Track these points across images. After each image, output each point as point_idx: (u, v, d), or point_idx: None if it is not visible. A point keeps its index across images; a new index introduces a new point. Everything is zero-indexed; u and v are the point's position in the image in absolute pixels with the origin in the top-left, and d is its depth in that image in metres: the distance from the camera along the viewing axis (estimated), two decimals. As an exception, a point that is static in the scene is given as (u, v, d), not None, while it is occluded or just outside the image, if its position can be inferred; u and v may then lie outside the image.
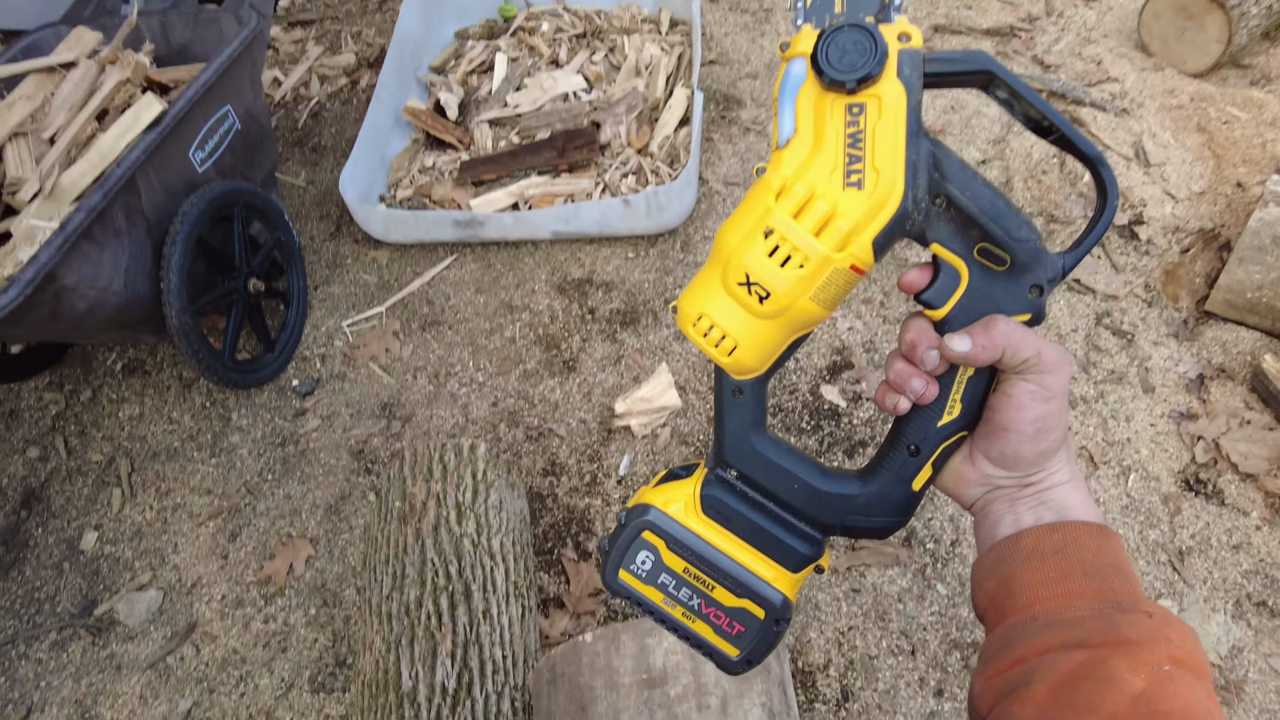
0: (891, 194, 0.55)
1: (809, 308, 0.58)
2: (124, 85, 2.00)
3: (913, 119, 0.54)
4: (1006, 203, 0.56)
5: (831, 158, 0.56)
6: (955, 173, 0.56)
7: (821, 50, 0.54)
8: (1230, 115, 2.47)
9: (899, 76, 0.54)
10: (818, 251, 0.55)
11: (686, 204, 2.46)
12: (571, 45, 3.10)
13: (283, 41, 3.50)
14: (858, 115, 0.55)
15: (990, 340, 0.55)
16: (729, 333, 0.59)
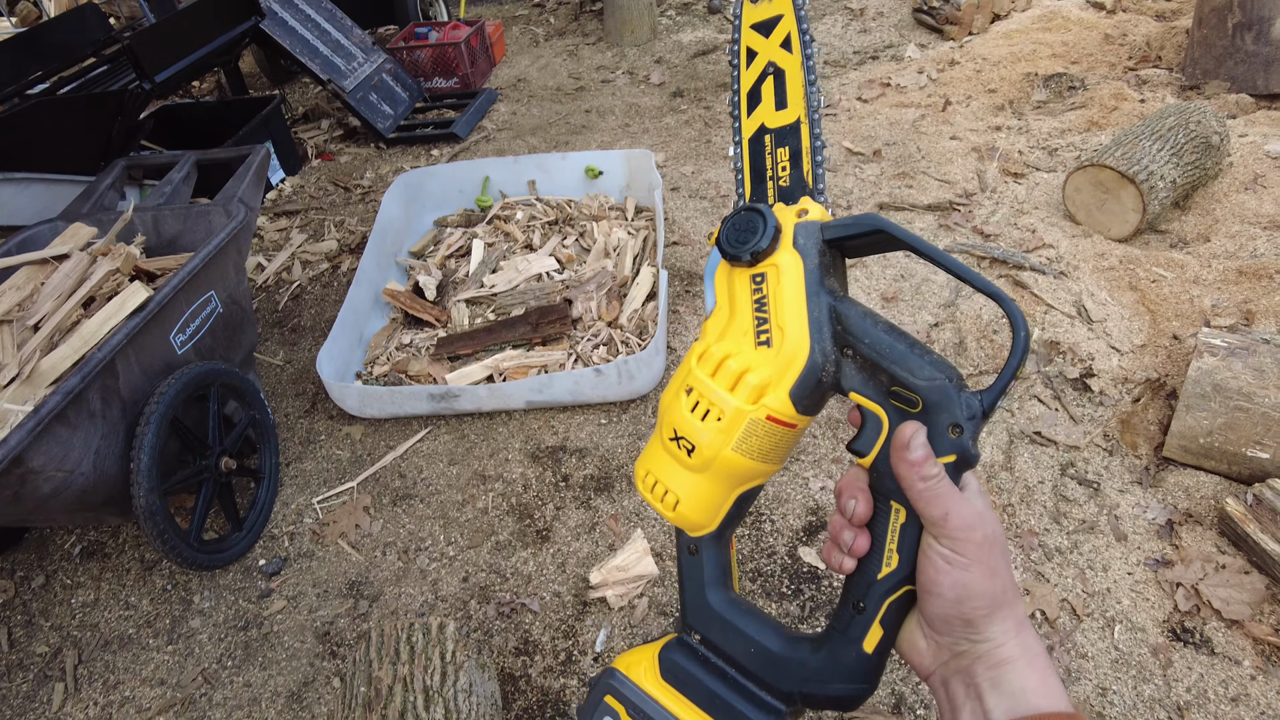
0: (799, 349, 0.59)
1: (736, 459, 0.60)
2: (113, 274, 2.09)
3: (811, 280, 0.59)
4: (910, 345, 0.57)
5: (744, 322, 0.61)
6: (855, 323, 0.59)
7: (723, 233, 0.61)
8: (1157, 275, 2.66)
9: (794, 246, 0.60)
10: (730, 404, 0.59)
11: (656, 371, 2.54)
12: (544, 231, 3.30)
13: (268, 230, 3.68)
14: (760, 283, 0.61)
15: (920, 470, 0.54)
16: (670, 488, 0.63)
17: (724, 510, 0.64)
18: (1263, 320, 2.41)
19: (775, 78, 0.68)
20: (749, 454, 0.60)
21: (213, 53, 3.70)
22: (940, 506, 0.53)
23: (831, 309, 0.59)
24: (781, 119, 0.67)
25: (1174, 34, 4.06)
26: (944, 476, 0.54)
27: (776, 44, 0.69)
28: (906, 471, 0.55)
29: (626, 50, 5.10)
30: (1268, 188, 2.97)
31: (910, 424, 0.56)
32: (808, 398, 0.59)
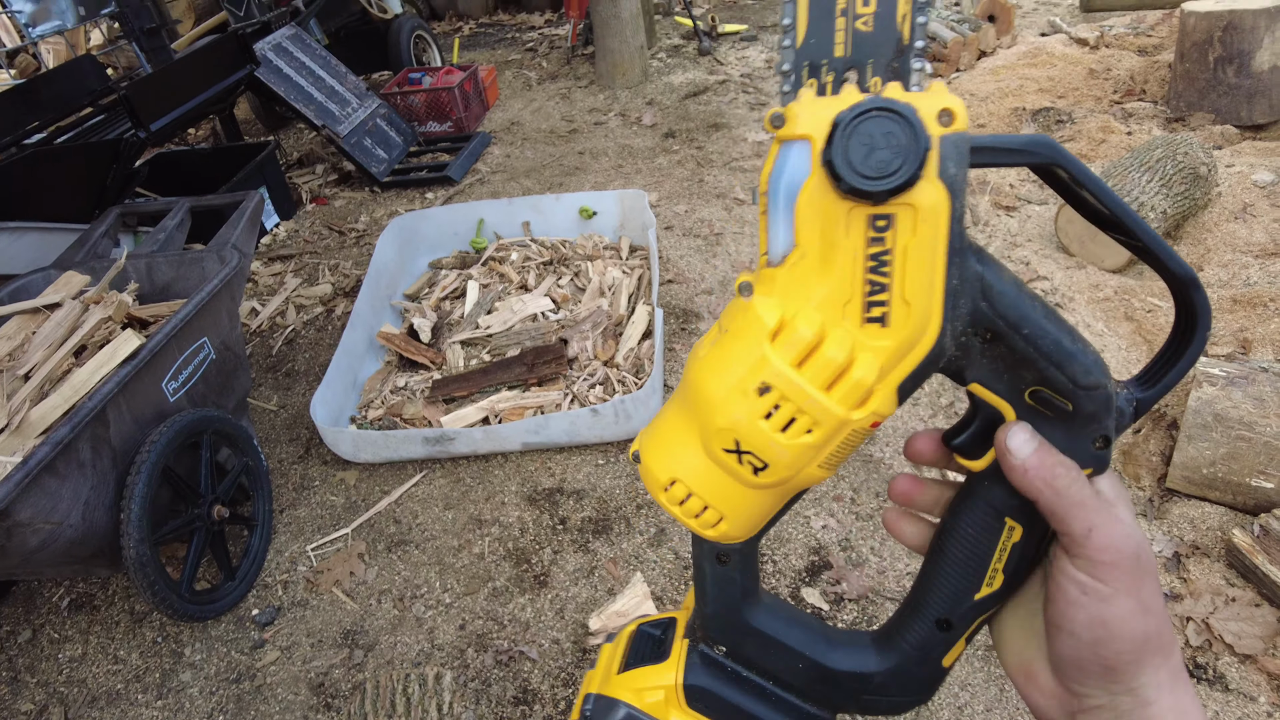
0: (925, 332, 0.42)
1: (815, 475, 0.46)
2: (105, 323, 2.08)
3: (956, 233, 0.41)
4: (1073, 338, 0.43)
5: (846, 285, 0.42)
6: (1009, 304, 0.42)
7: (839, 144, 0.39)
8: (1152, 305, 2.66)
9: (941, 176, 0.39)
10: (832, 414, 0.42)
11: (653, 410, 2.52)
12: (539, 272, 3.31)
13: (262, 275, 3.69)
14: (884, 230, 0.41)
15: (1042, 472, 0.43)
16: (713, 504, 0.47)
17: (769, 518, 0.50)
18: (1259, 348, 2.41)
19: None
20: (829, 465, 0.46)
21: (208, 101, 3.74)
22: (1083, 520, 0.42)
23: (979, 278, 0.42)
24: None
25: (1156, 68, 4.12)
26: (1084, 480, 0.43)
27: None
28: (1021, 480, 0.44)
29: (618, 93, 5.17)
30: (1257, 216, 2.99)
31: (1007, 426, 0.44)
32: (914, 388, 0.45)
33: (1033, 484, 0.43)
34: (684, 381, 0.47)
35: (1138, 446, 2.23)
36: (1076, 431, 0.43)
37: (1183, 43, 3.72)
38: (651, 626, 0.56)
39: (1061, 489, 0.42)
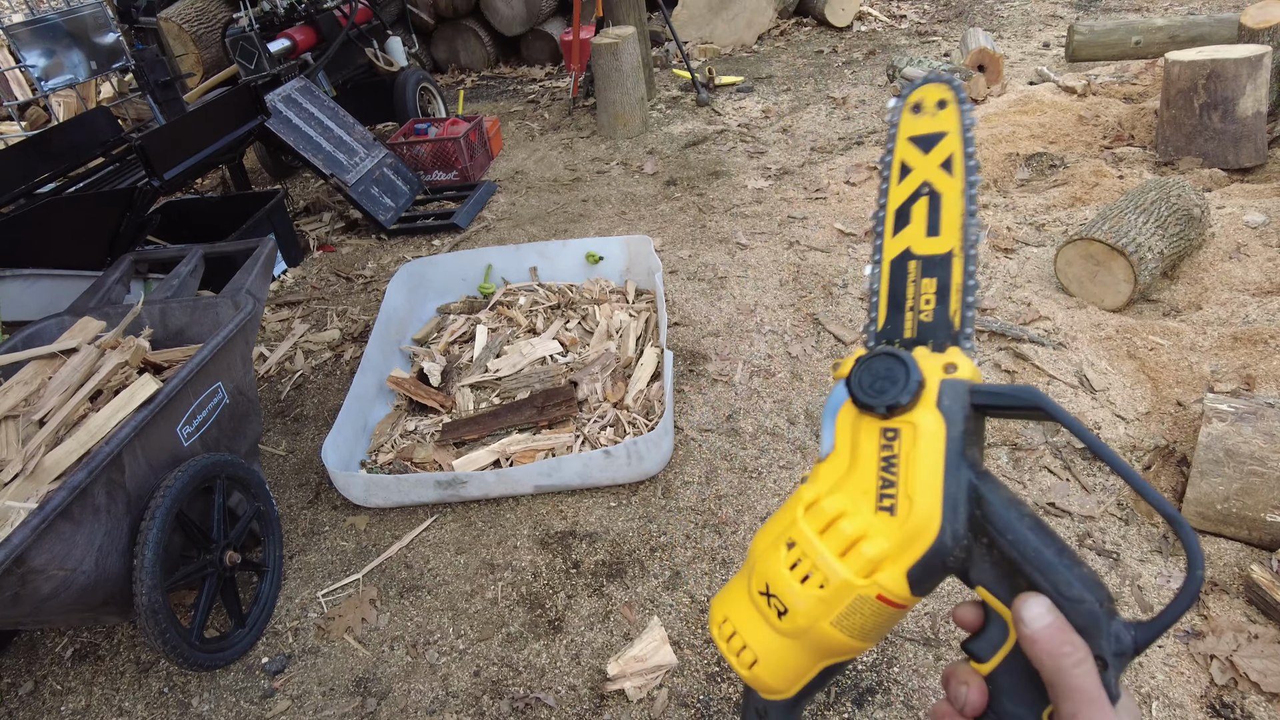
0: (927, 526, 0.51)
1: (832, 634, 0.53)
2: (121, 368, 2.09)
3: (952, 450, 0.51)
4: (1058, 552, 0.49)
5: (866, 479, 0.53)
6: (998, 512, 0.50)
7: (856, 374, 0.54)
8: (1154, 343, 2.69)
9: (938, 407, 0.52)
10: (838, 574, 0.52)
11: (665, 451, 2.53)
12: (547, 315, 3.34)
13: (270, 320, 3.71)
14: (892, 440, 0.53)
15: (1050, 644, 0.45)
16: (750, 644, 0.56)
17: (805, 680, 0.57)
18: (1263, 385, 2.43)
19: (930, 199, 0.62)
20: (849, 631, 0.53)
21: (219, 151, 3.81)
22: (1073, 706, 0.44)
23: (972, 488, 0.51)
24: (932, 247, 0.60)
25: (1143, 114, 4.24)
26: (1091, 668, 0.45)
27: (936, 164, 0.62)
28: (1031, 650, 0.46)
29: (620, 142, 5.27)
30: (1251, 256, 3.05)
31: (1027, 594, 0.48)
32: (927, 581, 0.52)
33: (1039, 653, 0.45)
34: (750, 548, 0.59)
35: (1150, 484, 2.24)
36: None
37: (1168, 90, 3.83)
38: None
39: (1064, 667, 0.44)
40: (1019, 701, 0.49)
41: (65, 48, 5.89)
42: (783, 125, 5.20)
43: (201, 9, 7.31)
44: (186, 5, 7.31)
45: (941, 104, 0.64)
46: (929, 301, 0.59)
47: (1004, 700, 0.49)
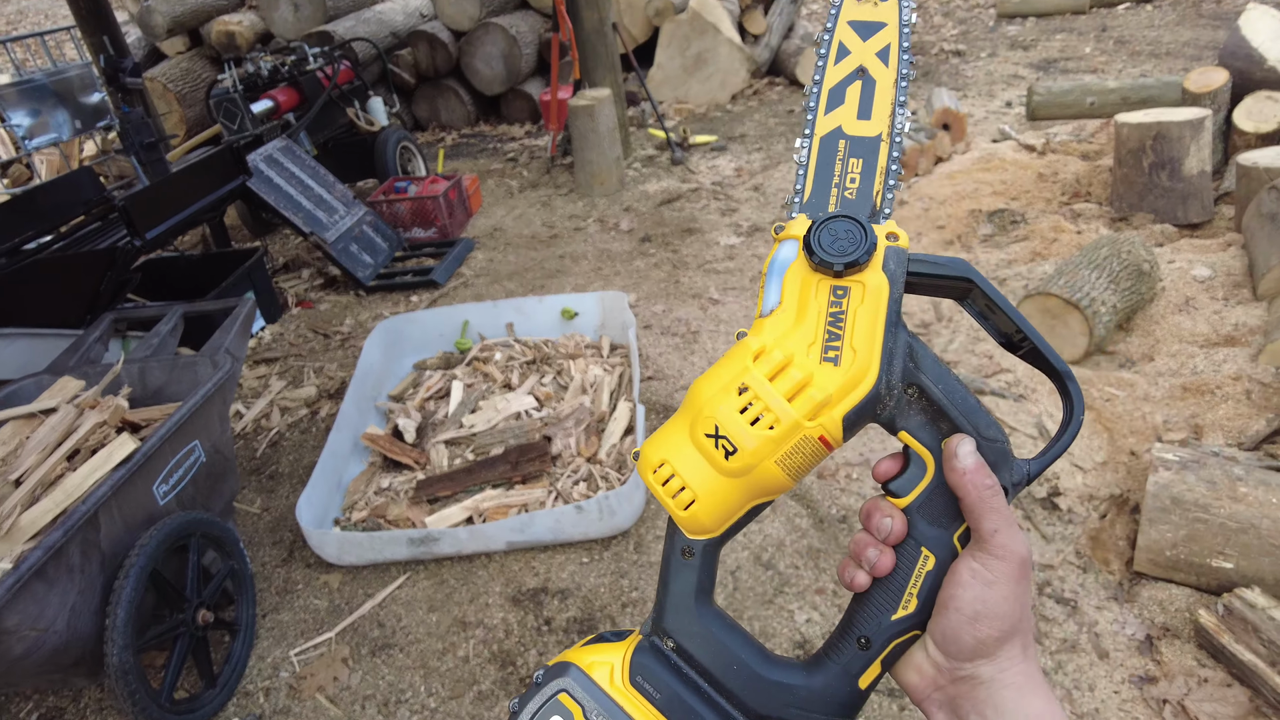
0: (866, 374, 0.56)
1: (774, 472, 0.57)
2: (100, 427, 2.12)
3: (893, 309, 0.57)
4: (978, 401, 0.57)
5: (811, 332, 0.57)
6: (930, 365, 0.57)
7: (815, 233, 0.57)
8: (1110, 394, 2.79)
9: (884, 269, 0.57)
10: (789, 415, 0.56)
11: (637, 506, 2.57)
12: (522, 371, 3.40)
13: (247, 377, 3.74)
14: (841, 297, 0.57)
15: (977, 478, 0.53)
16: (689, 484, 0.58)
17: (736, 517, 0.60)
18: (1210, 433, 2.53)
19: (864, 84, 0.65)
20: (788, 469, 0.57)
21: (201, 210, 3.88)
22: (993, 521, 0.53)
23: (908, 345, 0.57)
24: (863, 129, 0.64)
25: (1099, 172, 4.42)
26: (1003, 496, 0.54)
27: (873, 51, 0.66)
28: (959, 480, 0.54)
29: (596, 200, 5.40)
30: (1199, 309, 3.18)
31: (959, 435, 0.55)
32: (858, 426, 0.58)
33: (967, 484, 0.54)
34: (686, 396, 0.61)
35: (1104, 532, 2.31)
36: None
37: (1119, 150, 4.02)
38: (611, 632, 0.65)
39: (986, 495, 0.53)
40: (935, 524, 0.57)
41: (50, 107, 6.00)
42: (755, 183, 5.35)
43: (187, 69, 7.47)
44: (172, 65, 7.47)
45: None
46: (854, 180, 0.63)
47: (920, 525, 0.57)
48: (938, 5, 9.38)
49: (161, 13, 7.06)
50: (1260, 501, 1.99)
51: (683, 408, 0.60)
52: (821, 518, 2.56)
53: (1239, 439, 2.47)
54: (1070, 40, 7.60)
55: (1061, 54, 7.26)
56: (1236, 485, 2.04)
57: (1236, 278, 3.27)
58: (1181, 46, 6.95)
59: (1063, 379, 0.57)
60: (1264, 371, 2.68)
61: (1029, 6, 8.57)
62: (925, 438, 0.57)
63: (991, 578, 0.53)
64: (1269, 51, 4.17)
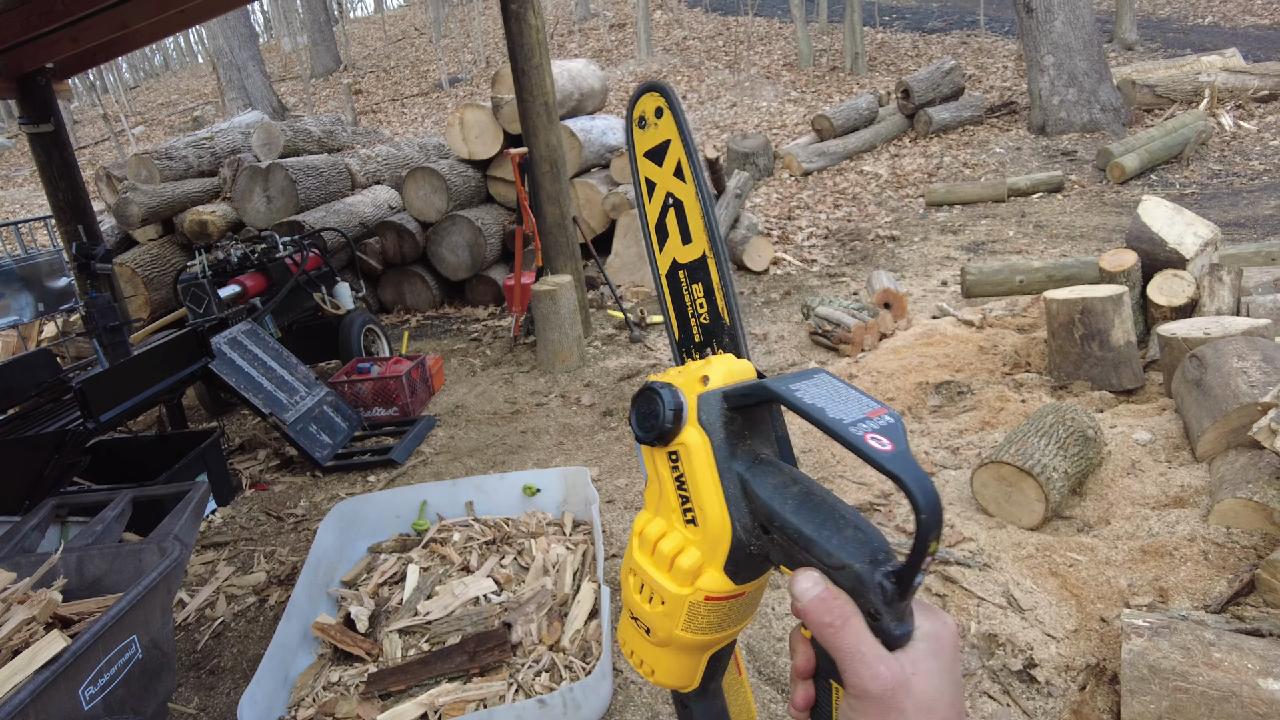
0: (721, 529, 0.57)
1: (689, 637, 0.59)
2: (27, 624, 1.98)
3: (720, 455, 0.57)
4: (821, 523, 0.54)
5: (671, 499, 0.60)
6: (765, 500, 0.56)
7: (633, 415, 0.60)
8: (1073, 559, 2.80)
9: (699, 423, 0.58)
10: (668, 590, 0.58)
11: (604, 698, 2.44)
12: (482, 551, 3.30)
13: (194, 563, 3.56)
14: (676, 461, 0.59)
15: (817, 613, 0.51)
16: (645, 658, 0.63)
17: (699, 672, 0.63)
18: (1175, 596, 2.53)
19: (676, 209, 0.67)
20: (701, 630, 0.59)
21: (160, 392, 3.86)
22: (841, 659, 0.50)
23: (743, 484, 0.58)
24: (689, 253, 0.67)
25: (1035, 343, 4.68)
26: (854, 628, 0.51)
27: (670, 172, 0.68)
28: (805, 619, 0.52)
29: (558, 376, 5.51)
30: (1145, 471, 3.28)
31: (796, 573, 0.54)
32: (744, 571, 0.58)
33: (810, 625, 0.52)
34: None
35: (1086, 704, 2.24)
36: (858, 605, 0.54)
37: (1051, 323, 4.28)
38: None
39: (828, 635, 0.51)
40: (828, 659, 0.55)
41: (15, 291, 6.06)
42: (711, 358, 5.54)
43: (157, 255, 7.68)
44: (142, 251, 7.68)
45: (659, 112, 0.68)
46: (702, 305, 0.67)
47: (823, 657, 0.55)
48: (871, 196, 10.21)
49: (139, 204, 7.35)
50: (1236, 667, 1.97)
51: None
52: (797, 700, 2.44)
53: (1204, 601, 2.47)
54: (995, 225, 8.27)
55: (988, 237, 7.87)
56: (1210, 650, 2.02)
57: (1175, 440, 3.40)
58: (1093, 230, 7.60)
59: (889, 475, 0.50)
60: (1215, 532, 2.73)
61: (954, 195, 9.38)
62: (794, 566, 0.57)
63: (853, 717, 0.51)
64: (1168, 235, 4.59)
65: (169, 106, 26.18)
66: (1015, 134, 11.75)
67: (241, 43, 19.53)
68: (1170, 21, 18.20)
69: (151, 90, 30.78)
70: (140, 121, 24.15)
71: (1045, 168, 10.13)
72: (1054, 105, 11.28)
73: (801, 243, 8.45)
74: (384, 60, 26.46)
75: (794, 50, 19.44)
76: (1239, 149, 9.70)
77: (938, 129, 12.31)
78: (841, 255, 7.90)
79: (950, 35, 19.51)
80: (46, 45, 5.88)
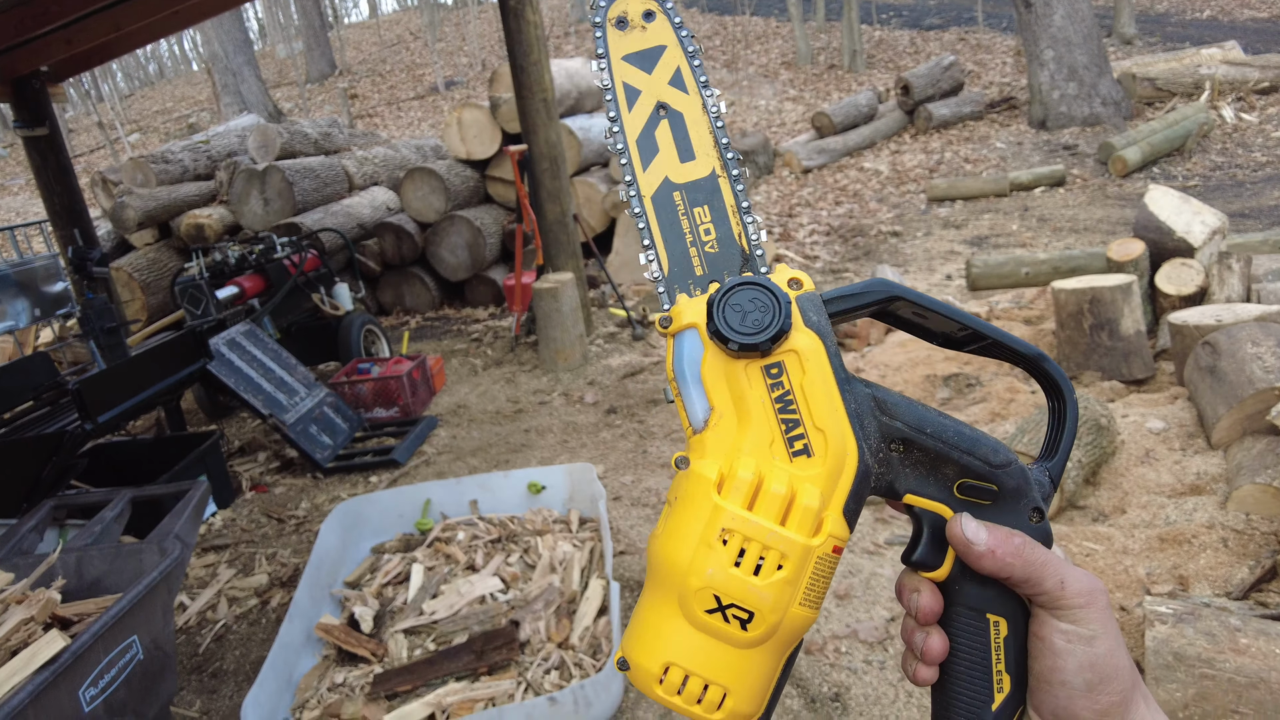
0: (846, 451, 0.47)
1: (800, 614, 0.47)
2: (25, 624, 1.93)
3: (837, 365, 0.48)
4: (972, 429, 0.49)
5: (765, 429, 0.47)
6: (905, 410, 0.49)
7: (718, 317, 0.47)
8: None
9: (808, 325, 0.48)
10: (795, 544, 0.46)
11: (615, 695, 2.39)
12: (487, 550, 3.25)
13: (194, 566, 3.51)
14: (778, 376, 0.48)
15: (1006, 548, 0.46)
16: (714, 679, 0.46)
17: (773, 684, 0.49)
18: (1196, 584, 2.49)
19: (671, 122, 0.56)
20: (812, 603, 0.47)
21: (158, 393, 3.80)
22: (1053, 574, 0.45)
23: (870, 398, 0.49)
24: (691, 171, 0.55)
25: (1043, 335, 4.63)
26: (1035, 543, 0.47)
27: (664, 81, 0.56)
28: (991, 563, 0.46)
29: (561, 375, 5.47)
30: (1160, 459, 3.23)
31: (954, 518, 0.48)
32: (858, 509, 0.48)
33: (1000, 561, 0.46)
34: (650, 564, 0.50)
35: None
36: (1010, 509, 0.48)
37: (1060, 314, 4.24)
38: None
39: (1027, 557, 0.46)
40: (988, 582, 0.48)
41: (11, 296, 6.01)
42: (715, 354, 5.49)
43: (153, 259, 7.63)
44: (139, 255, 7.63)
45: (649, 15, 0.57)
46: (709, 232, 0.54)
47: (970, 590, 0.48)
48: (872, 193, 10.17)
49: (135, 208, 7.30)
50: (1264, 653, 1.92)
51: (654, 585, 0.49)
52: (813, 697, 2.39)
53: (1225, 588, 2.43)
54: (997, 219, 8.23)
55: (991, 231, 7.83)
56: (1236, 637, 1.98)
57: (1189, 428, 3.36)
58: (1096, 223, 7.56)
59: (1035, 361, 0.50)
60: (1235, 519, 2.69)
61: (956, 191, 9.34)
62: (933, 491, 0.49)
63: (1089, 632, 0.45)
64: (1175, 224, 4.55)
65: (164, 114, 26.16)
66: (1016, 129, 11.73)
67: (236, 48, 19.51)
68: (1169, 15, 18.21)
69: (146, 99, 30.77)
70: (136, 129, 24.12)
71: (1047, 162, 10.10)
72: (1054, 99, 11.26)
73: (803, 239, 8.41)
74: (379, 65, 26.45)
75: (791, 49, 19.43)
76: (1241, 141, 9.67)
77: (938, 125, 12.29)
78: (844, 251, 7.86)
79: (948, 32, 19.50)
80: (40, 48, 5.83)
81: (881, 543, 3.06)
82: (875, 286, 0.51)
